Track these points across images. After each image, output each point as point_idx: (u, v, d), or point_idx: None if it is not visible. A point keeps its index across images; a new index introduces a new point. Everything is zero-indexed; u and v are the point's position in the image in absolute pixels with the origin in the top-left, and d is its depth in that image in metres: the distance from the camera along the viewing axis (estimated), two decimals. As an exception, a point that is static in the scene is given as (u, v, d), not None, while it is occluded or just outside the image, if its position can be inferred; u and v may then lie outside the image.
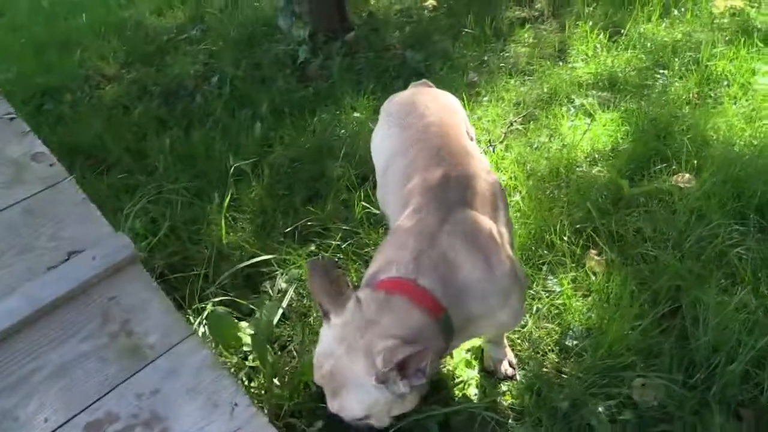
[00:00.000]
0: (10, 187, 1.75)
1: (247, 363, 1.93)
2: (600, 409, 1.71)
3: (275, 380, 1.84)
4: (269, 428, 1.46)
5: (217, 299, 2.09)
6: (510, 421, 1.76)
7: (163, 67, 3.94)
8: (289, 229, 2.48)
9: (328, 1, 3.89)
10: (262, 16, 4.36)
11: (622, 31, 3.57)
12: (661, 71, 3.22)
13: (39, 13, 5.28)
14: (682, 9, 3.70)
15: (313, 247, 2.38)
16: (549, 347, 1.97)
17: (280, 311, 2.03)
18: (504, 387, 1.86)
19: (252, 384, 1.90)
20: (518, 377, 1.88)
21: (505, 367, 1.90)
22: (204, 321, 1.95)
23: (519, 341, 2.00)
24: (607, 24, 3.63)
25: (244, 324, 1.94)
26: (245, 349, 1.92)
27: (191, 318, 2.03)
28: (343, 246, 2.34)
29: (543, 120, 2.97)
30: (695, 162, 2.55)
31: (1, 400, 1.42)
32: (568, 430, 1.70)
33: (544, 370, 1.88)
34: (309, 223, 2.48)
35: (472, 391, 1.87)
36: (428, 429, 1.73)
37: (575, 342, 1.91)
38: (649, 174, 2.54)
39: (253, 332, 1.86)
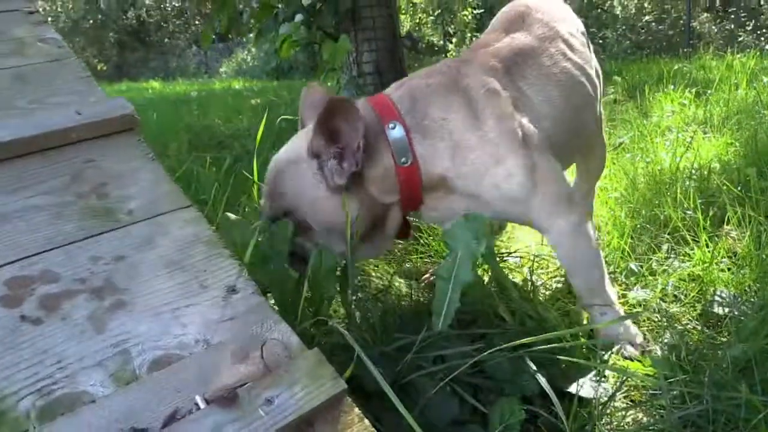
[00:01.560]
0: (6, 57, 1.44)
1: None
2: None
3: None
4: (281, 324, 0.96)
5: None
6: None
7: (221, 150, 3.84)
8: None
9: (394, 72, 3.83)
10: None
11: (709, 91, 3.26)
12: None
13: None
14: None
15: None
16: (691, 318, 1.39)
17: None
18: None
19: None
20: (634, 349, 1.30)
21: (612, 333, 1.36)
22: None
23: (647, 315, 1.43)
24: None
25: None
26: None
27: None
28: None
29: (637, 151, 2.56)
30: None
31: None
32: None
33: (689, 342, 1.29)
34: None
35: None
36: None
37: (726, 309, 1.33)
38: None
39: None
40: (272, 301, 1.21)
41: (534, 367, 1.09)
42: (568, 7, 1.80)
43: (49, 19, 19.84)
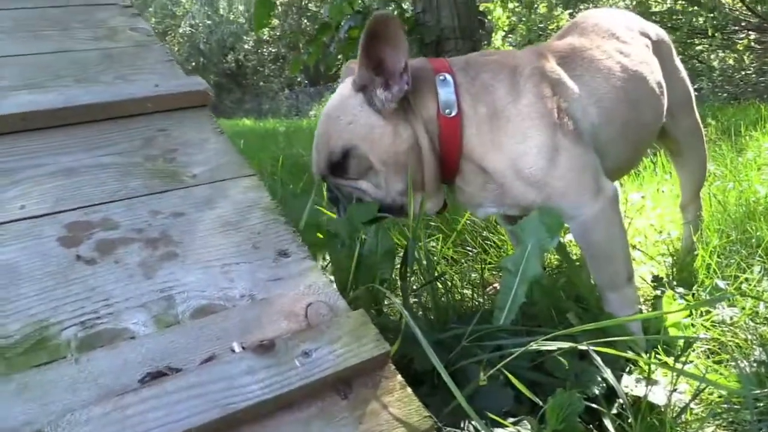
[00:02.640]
0: (98, 40, 1.53)
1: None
2: None
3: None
4: (329, 287, 0.92)
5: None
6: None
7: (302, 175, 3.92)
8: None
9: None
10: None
11: None
12: None
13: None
14: None
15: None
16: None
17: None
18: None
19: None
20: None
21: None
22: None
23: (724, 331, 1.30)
24: None
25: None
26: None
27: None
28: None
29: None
30: None
31: (-20, 183, 1.03)
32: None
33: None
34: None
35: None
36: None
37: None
38: None
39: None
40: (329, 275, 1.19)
41: (601, 364, 0.99)
42: (632, 14, 1.76)
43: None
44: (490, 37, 10.74)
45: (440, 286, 1.44)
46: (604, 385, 1.05)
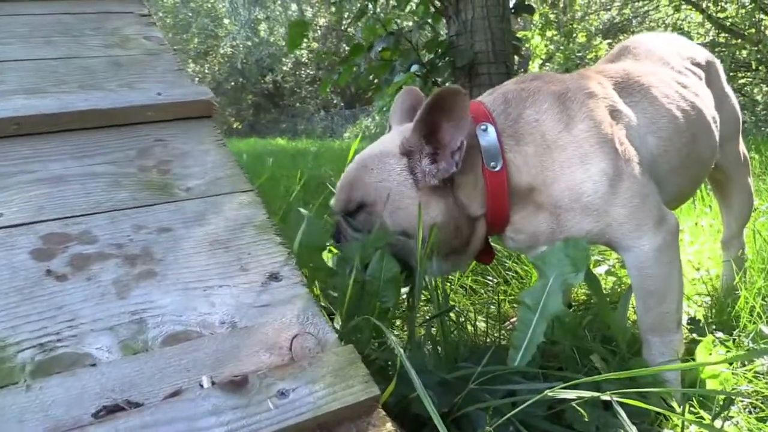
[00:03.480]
0: (109, 48, 1.48)
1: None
2: None
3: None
4: (320, 318, 0.83)
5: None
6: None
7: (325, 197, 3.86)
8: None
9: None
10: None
11: None
12: None
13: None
14: None
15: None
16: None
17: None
18: None
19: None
20: None
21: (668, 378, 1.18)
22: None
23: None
24: None
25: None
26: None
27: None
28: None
29: None
30: None
31: (-39, 188, 0.96)
32: None
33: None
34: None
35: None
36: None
37: None
38: None
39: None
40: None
41: (625, 418, 0.87)
42: (682, 38, 1.66)
43: (197, 78, 21.80)
44: (528, 64, 10.64)
45: (453, 317, 1.33)
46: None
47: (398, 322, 1.41)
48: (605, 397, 0.88)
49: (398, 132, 1.24)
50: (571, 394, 0.89)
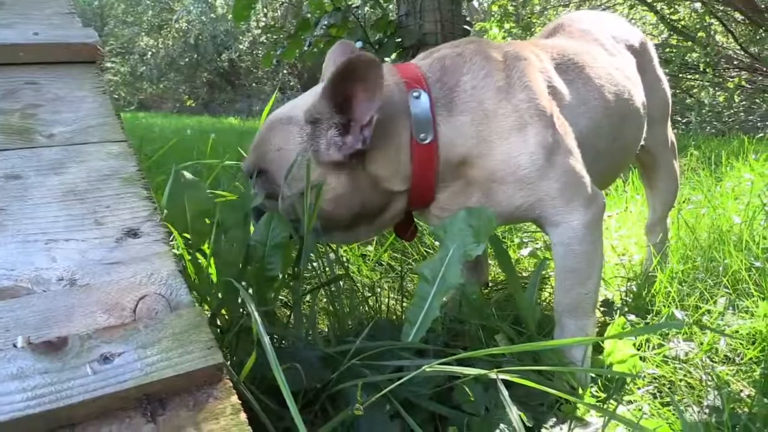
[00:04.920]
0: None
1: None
2: None
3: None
4: (176, 279, 0.74)
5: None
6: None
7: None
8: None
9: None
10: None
11: None
12: None
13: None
14: None
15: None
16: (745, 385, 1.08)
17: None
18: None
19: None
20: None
21: (577, 357, 1.15)
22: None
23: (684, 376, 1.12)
24: None
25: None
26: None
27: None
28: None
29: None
30: None
31: None
32: None
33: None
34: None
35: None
36: None
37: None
38: None
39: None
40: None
41: (508, 398, 0.80)
42: (617, 18, 1.64)
43: (150, 53, 21.08)
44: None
45: (355, 290, 1.26)
46: (522, 424, 0.86)
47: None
48: (492, 375, 0.82)
49: (312, 94, 1.15)
50: (457, 372, 0.83)
